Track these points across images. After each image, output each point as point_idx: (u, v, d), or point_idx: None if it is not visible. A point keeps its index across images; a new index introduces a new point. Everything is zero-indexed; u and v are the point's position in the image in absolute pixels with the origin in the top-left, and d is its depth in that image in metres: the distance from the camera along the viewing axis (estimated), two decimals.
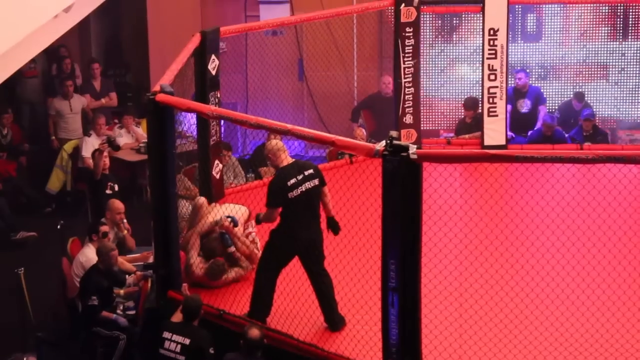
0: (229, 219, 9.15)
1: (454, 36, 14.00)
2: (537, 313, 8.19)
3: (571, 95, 13.64)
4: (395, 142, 6.73)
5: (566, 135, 12.89)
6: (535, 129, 13.19)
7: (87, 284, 9.35)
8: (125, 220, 10.61)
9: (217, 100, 10.71)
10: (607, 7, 13.55)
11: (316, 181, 8.14)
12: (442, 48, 14.00)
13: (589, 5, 13.50)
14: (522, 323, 7.88)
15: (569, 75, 13.89)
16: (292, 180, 8.03)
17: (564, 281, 8.49)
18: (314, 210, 8.14)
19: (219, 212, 9.33)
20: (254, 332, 7.61)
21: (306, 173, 8.11)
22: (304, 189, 8.05)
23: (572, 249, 8.71)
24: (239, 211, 9.38)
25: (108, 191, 11.40)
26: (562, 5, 13.57)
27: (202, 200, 9.48)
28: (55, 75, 15.16)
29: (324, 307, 8.20)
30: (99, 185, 11.48)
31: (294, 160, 8.26)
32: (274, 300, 8.26)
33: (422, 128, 12.72)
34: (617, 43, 13.74)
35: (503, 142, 12.56)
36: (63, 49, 15.10)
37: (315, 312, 8.23)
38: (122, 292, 9.67)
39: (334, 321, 8.20)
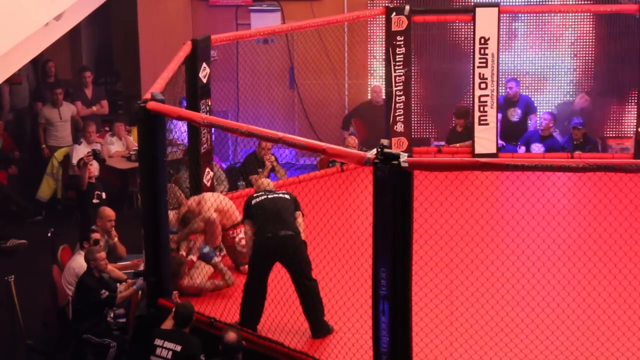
0: (205, 251, 9.20)
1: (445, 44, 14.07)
2: (527, 321, 8.20)
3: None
4: (386, 150, 6.75)
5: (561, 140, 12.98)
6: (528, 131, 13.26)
7: (88, 283, 9.30)
8: (113, 228, 10.59)
9: (208, 108, 10.72)
10: None
11: (286, 195, 8.51)
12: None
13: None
14: (513, 331, 7.89)
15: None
16: (259, 193, 8.54)
17: (554, 289, 8.52)
18: (281, 217, 8.26)
19: (209, 199, 9.45)
20: (231, 336, 7.63)
21: (277, 191, 8.62)
22: (269, 196, 8.42)
23: (563, 257, 8.74)
24: (228, 203, 9.49)
25: (95, 200, 11.40)
26: None
27: (215, 217, 9.45)
28: (41, 81, 15.14)
29: (307, 315, 8.24)
30: (85, 195, 11.47)
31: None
32: (265, 308, 8.27)
33: (412, 136, 12.77)
34: None
35: (494, 151, 12.59)
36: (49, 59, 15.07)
37: (307, 320, 8.24)
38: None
39: (317, 330, 8.23)
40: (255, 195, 8.56)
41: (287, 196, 8.52)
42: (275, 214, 8.27)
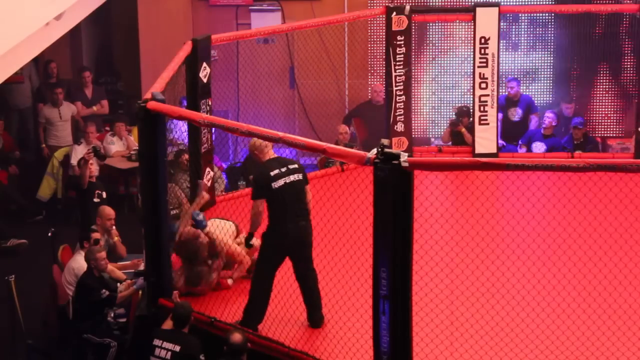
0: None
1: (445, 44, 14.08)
2: (528, 321, 8.19)
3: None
4: (386, 150, 6.74)
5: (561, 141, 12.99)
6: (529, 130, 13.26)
7: (88, 283, 9.31)
8: (114, 227, 10.60)
9: (208, 107, 10.71)
10: None
11: (300, 176, 8.21)
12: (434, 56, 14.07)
13: None
14: (513, 331, 7.88)
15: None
16: (276, 171, 8.13)
17: (554, 289, 8.52)
18: (300, 205, 8.15)
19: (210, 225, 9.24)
20: (237, 337, 7.62)
21: (290, 167, 8.22)
22: (288, 181, 8.12)
23: (563, 257, 8.74)
24: (229, 228, 9.28)
25: (96, 199, 11.39)
26: None
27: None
28: (42, 81, 15.14)
29: (308, 304, 8.25)
30: (86, 193, 11.47)
31: (277, 156, 8.37)
32: None
33: (413, 136, 12.78)
34: None
35: (494, 150, 12.59)
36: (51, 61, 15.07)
37: (307, 319, 8.24)
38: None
39: (316, 320, 8.26)
40: (272, 174, 8.09)
41: (300, 176, 8.21)
42: (295, 202, 8.09)
